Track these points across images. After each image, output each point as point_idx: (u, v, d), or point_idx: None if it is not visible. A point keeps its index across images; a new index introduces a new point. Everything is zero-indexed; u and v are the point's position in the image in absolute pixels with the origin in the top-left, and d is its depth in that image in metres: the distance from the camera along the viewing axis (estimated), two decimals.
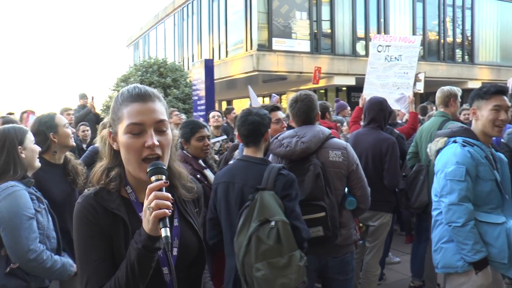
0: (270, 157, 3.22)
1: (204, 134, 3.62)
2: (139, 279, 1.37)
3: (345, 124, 6.72)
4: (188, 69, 18.18)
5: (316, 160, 3.09)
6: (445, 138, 3.09)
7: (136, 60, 24.77)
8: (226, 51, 19.23)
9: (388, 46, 6.68)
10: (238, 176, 2.73)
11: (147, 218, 1.32)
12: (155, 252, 1.36)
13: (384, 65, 6.67)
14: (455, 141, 2.99)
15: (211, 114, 7.17)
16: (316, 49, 17.81)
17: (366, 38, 19.28)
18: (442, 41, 22.10)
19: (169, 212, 1.31)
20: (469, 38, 23.33)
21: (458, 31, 22.99)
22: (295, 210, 2.59)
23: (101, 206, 1.48)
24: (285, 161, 3.16)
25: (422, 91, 8.30)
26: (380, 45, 6.73)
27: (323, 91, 20.54)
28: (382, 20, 19.85)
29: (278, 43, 16.86)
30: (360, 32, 19.28)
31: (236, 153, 4.09)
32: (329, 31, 18.41)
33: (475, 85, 20.90)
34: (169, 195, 1.34)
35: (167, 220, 1.31)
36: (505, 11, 24.64)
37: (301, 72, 17.02)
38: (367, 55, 19.03)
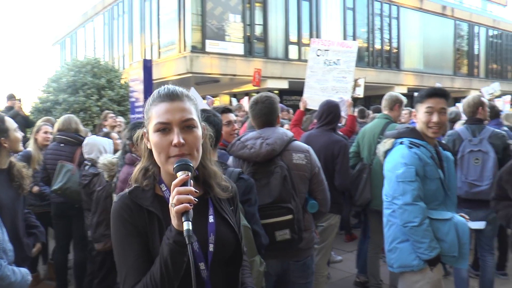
0: (231, 160, 3.22)
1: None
2: (173, 274, 1.41)
3: (286, 126, 6.72)
4: (120, 70, 17.76)
5: (282, 162, 3.09)
6: (392, 139, 3.19)
7: (63, 59, 23.84)
8: (159, 52, 18.96)
9: (327, 50, 6.86)
10: None
11: (172, 214, 1.37)
12: (186, 247, 1.35)
13: (323, 69, 6.83)
14: (401, 143, 3.08)
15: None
16: (249, 52, 18.03)
17: (299, 43, 19.79)
18: (371, 48, 23.09)
19: (191, 206, 1.34)
20: (395, 46, 24.57)
21: (386, 39, 24.17)
22: (256, 215, 2.62)
23: (136, 204, 1.54)
24: (248, 163, 3.13)
25: (361, 96, 8.57)
26: (319, 49, 6.90)
27: (255, 94, 20.77)
28: (314, 25, 20.44)
29: (211, 45, 16.88)
30: (293, 37, 19.73)
31: None
32: (263, 34, 18.69)
33: (401, 90, 22.08)
34: (192, 188, 1.37)
35: (190, 214, 1.34)
36: (427, 22, 26.29)
37: (234, 75, 17.16)
38: (299, 59, 19.58)
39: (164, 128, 1.50)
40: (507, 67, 32.85)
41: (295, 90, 18.01)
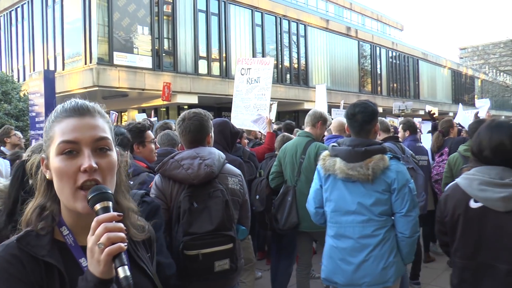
0: (157, 179, 3.02)
1: None
2: None
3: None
4: (19, 81, 17.04)
5: (221, 185, 2.94)
6: (385, 156, 3.24)
7: None
8: (63, 64, 18.39)
9: (249, 69, 7.18)
10: None
11: (95, 259, 1.11)
12: None
13: (247, 87, 7.12)
14: (391, 157, 3.25)
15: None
16: (158, 66, 18.08)
17: (208, 58, 20.21)
18: (279, 65, 24.09)
19: (125, 245, 1.12)
20: (304, 64, 25.90)
21: (294, 56, 25.39)
22: (160, 242, 2.51)
23: (28, 255, 1.21)
24: (180, 185, 2.94)
25: (273, 121, 8.56)
26: (243, 68, 7.22)
27: (164, 109, 20.80)
28: (223, 40, 20.92)
29: (119, 58, 16.70)
30: (202, 51, 20.09)
31: None
32: (171, 48, 18.86)
33: (310, 106, 23.25)
34: (122, 225, 1.15)
35: (123, 256, 1.12)
36: (333, 41, 28.12)
37: (143, 89, 17.11)
38: (209, 74, 20.03)
39: (70, 150, 1.23)
40: (405, 86, 35.84)
41: (205, 105, 18.36)
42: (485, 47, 67.13)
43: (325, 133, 5.70)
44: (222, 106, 21.95)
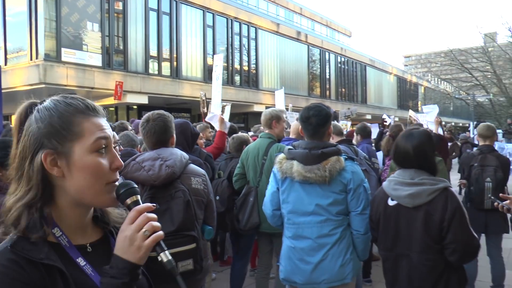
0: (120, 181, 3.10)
1: None
2: None
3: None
4: None
5: (183, 186, 3.01)
6: (340, 157, 3.37)
7: None
8: (6, 58, 17.65)
9: (217, 65, 7.47)
10: None
11: (136, 246, 1.21)
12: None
13: (215, 84, 7.45)
14: (346, 158, 3.40)
15: None
16: (108, 64, 17.74)
17: (159, 57, 20.06)
18: (230, 67, 24.25)
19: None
20: (254, 66, 26.20)
21: (245, 58, 25.68)
22: None
23: (25, 259, 1.17)
24: (143, 187, 2.98)
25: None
26: (216, 65, 7.52)
27: (113, 109, 20.46)
28: (174, 40, 20.80)
29: (67, 54, 16.21)
30: (153, 51, 19.92)
31: None
32: (122, 46, 18.60)
33: (260, 108, 23.59)
34: (156, 216, 1.27)
35: (162, 243, 1.26)
36: (283, 45, 28.60)
37: (92, 88, 16.72)
38: (160, 74, 19.91)
39: (104, 147, 1.29)
40: (353, 91, 36.96)
41: (155, 106, 18.22)
42: (428, 56, 70.15)
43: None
44: (172, 107, 21.84)
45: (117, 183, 1.31)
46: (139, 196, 1.30)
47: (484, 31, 48.14)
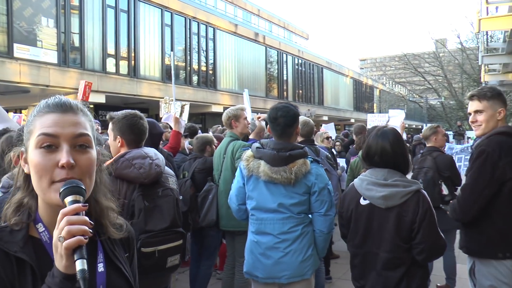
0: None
1: None
2: None
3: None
4: None
5: (167, 185, 3.13)
6: (307, 160, 3.50)
7: None
8: None
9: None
10: None
11: (59, 253, 1.14)
12: None
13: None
14: (312, 161, 3.54)
15: None
16: (64, 61, 17.35)
17: (117, 56, 19.79)
18: (188, 67, 24.21)
19: (86, 239, 1.15)
20: (212, 66, 26.27)
21: (203, 58, 25.69)
22: None
23: (1, 251, 1.24)
24: (130, 185, 3.04)
25: (186, 122, 8.43)
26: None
27: None
28: (132, 38, 20.58)
29: (20, 50, 15.69)
30: (111, 49, 19.64)
31: None
32: (78, 43, 18.24)
33: (218, 109, 23.75)
34: (87, 218, 1.18)
35: (84, 251, 1.14)
36: (241, 46, 28.81)
37: (47, 86, 16.27)
38: (117, 72, 19.68)
39: (49, 144, 1.26)
40: (310, 93, 37.57)
41: (112, 105, 18.01)
42: (383, 60, 72.07)
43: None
44: (129, 106, 21.31)
45: (62, 182, 1.25)
46: (81, 198, 1.21)
47: (436, 37, 49.94)
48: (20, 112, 20.05)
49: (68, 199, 1.19)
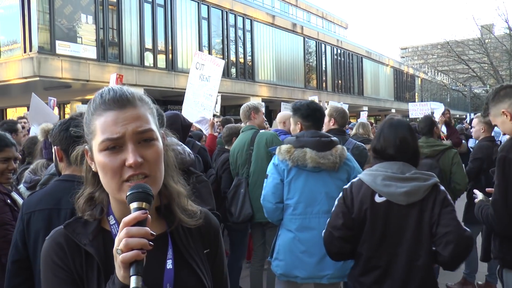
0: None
1: (10, 155, 3.01)
2: None
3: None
4: None
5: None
6: (344, 147, 3.61)
7: None
8: None
9: (203, 65, 7.27)
10: (65, 200, 2.08)
11: (117, 263, 1.10)
12: None
13: (199, 83, 7.20)
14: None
15: None
16: (103, 57, 17.74)
17: (154, 50, 20.08)
18: (226, 59, 24.26)
19: (144, 253, 1.09)
20: (250, 58, 26.24)
21: (240, 50, 25.71)
22: None
23: (73, 242, 1.26)
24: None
25: (218, 113, 9.08)
26: (198, 62, 7.33)
27: None
28: (169, 33, 20.82)
29: (62, 47, 16.18)
30: (148, 43, 19.93)
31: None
32: (117, 39, 18.59)
33: (256, 100, 23.67)
34: (148, 230, 1.11)
35: (141, 265, 1.09)
36: (279, 37, 28.64)
37: (87, 80, 16.73)
38: (155, 66, 19.94)
39: (114, 146, 1.22)
40: (349, 83, 37.03)
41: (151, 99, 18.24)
42: (424, 48, 70.24)
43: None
44: (167, 99, 21.88)
45: (130, 182, 1.22)
46: (145, 204, 1.15)
47: (481, 22, 48.17)
48: (64, 107, 20.64)
49: (133, 205, 1.14)
